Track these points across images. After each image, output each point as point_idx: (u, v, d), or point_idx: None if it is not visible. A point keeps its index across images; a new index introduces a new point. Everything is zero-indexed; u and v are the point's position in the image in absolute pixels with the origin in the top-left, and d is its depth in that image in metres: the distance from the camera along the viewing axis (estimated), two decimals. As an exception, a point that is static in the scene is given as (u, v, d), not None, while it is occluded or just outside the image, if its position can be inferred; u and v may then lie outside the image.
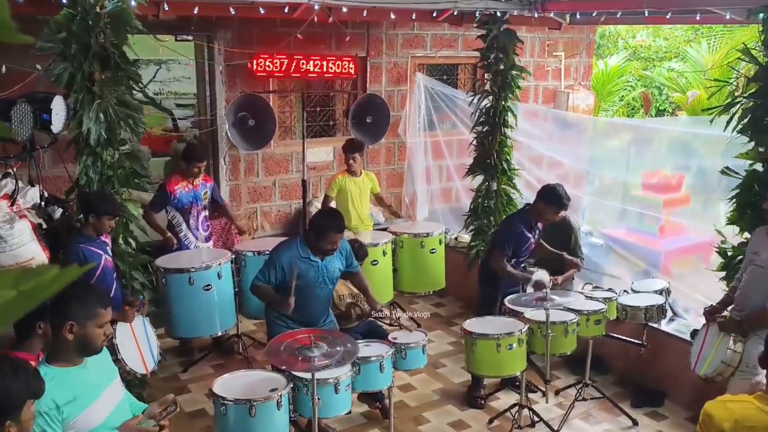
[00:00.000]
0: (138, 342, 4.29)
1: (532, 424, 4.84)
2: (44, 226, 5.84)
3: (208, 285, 5.12)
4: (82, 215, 4.37)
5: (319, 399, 3.63)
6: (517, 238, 5.06)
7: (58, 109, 4.20)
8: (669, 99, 13.16)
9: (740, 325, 4.14)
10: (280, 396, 3.60)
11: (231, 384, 3.76)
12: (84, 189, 4.51)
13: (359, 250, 5.06)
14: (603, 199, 7.68)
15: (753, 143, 4.54)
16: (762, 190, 4.36)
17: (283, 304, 4.16)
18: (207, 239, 5.90)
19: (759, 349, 4.08)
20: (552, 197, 4.96)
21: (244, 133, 6.35)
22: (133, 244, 4.86)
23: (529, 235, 5.12)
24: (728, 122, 4.59)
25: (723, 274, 4.82)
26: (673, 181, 7.18)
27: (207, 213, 5.91)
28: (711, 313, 4.44)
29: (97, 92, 4.34)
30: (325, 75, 6.90)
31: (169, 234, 5.70)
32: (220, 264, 5.21)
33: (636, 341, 5.09)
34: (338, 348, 3.52)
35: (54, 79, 4.28)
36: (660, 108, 13.35)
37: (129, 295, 4.61)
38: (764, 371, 4.19)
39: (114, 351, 4.06)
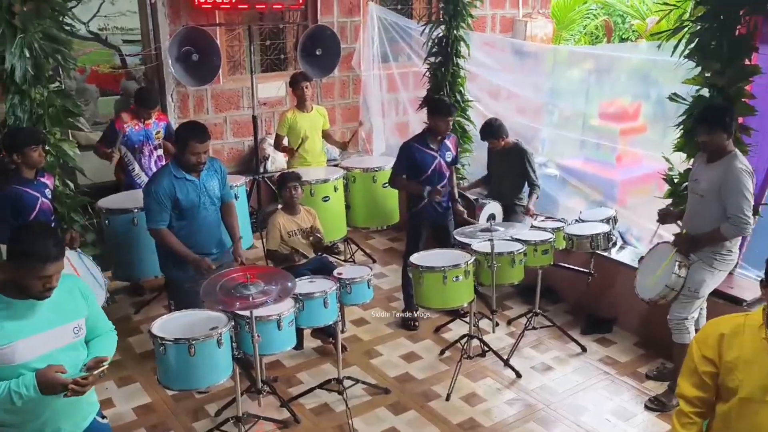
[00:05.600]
0: (80, 276, 4.18)
1: (483, 354, 4.90)
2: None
3: (153, 225, 5.00)
4: (8, 158, 4.21)
5: (259, 336, 3.60)
6: (411, 156, 5.14)
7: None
8: (632, 27, 13.01)
9: (694, 241, 4.18)
10: (221, 334, 3.55)
11: (171, 324, 3.71)
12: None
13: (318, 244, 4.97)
14: (562, 130, 7.62)
15: (700, 68, 4.49)
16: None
17: (197, 262, 4.16)
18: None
19: (701, 274, 4.18)
20: (435, 106, 5.17)
21: (189, 68, 6.13)
22: (72, 185, 4.72)
23: (433, 154, 5.15)
24: (675, 47, 4.51)
25: (670, 201, 4.83)
26: (630, 110, 7.14)
27: (162, 152, 5.77)
28: (665, 215, 4.49)
29: (18, 26, 4.12)
30: (274, 6, 6.62)
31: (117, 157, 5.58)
32: (165, 204, 5.07)
33: (583, 270, 5.13)
34: (274, 285, 3.48)
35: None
36: (623, 36, 13.18)
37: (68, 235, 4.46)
38: (705, 295, 4.31)
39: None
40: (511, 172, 5.66)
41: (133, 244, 5.02)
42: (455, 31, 6.37)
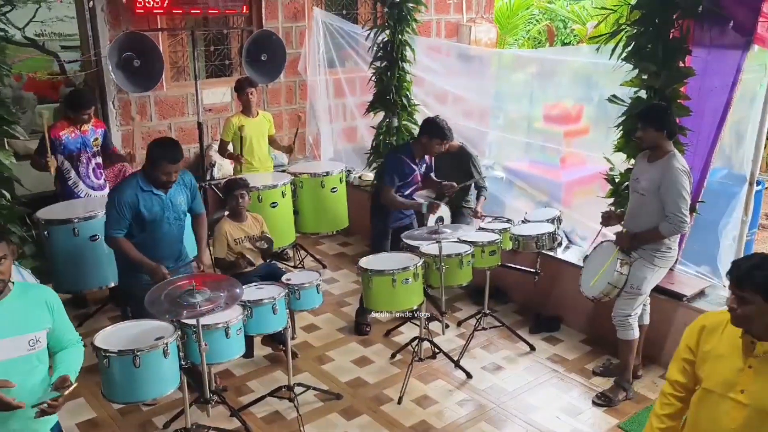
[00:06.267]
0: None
1: (434, 356, 4.93)
2: None
3: (95, 235, 4.88)
4: None
5: (206, 344, 3.54)
6: (401, 169, 5.09)
7: None
8: (573, 32, 13.31)
9: (634, 239, 4.29)
10: (166, 344, 3.48)
11: (115, 336, 3.62)
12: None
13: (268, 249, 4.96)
14: (508, 133, 7.71)
15: (637, 71, 4.62)
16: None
17: (152, 268, 4.06)
18: (101, 188, 5.61)
19: (643, 271, 4.29)
20: (435, 129, 5.03)
21: (130, 74, 5.98)
22: (8, 195, 4.57)
23: (414, 167, 5.14)
24: (613, 50, 4.63)
25: (612, 200, 4.94)
26: (572, 113, 7.27)
27: (100, 160, 5.62)
28: (608, 218, 4.58)
29: (-55, 31, 3.97)
30: (210, 11, 6.52)
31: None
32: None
33: (530, 269, 5.21)
34: (221, 292, 3.43)
35: None
36: (564, 41, 13.49)
37: None
38: (647, 291, 4.42)
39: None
40: (456, 175, 5.71)
41: (75, 256, 4.88)
42: (400, 36, 6.42)
